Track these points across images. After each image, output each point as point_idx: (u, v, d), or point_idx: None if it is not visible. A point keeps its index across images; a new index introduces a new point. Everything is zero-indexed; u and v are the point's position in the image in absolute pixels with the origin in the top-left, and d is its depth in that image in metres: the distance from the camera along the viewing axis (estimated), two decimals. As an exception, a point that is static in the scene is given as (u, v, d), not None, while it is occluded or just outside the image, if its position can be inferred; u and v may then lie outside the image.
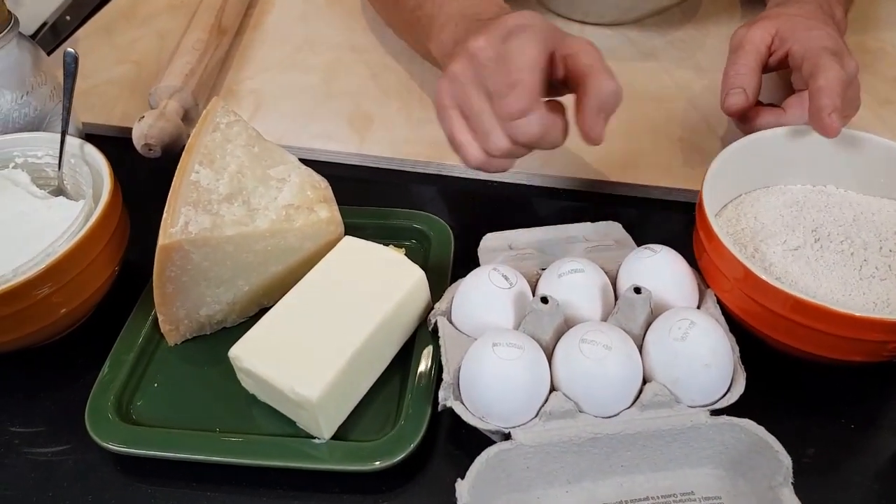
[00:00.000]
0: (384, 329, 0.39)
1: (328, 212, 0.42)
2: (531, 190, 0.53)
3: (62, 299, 0.40)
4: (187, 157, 0.39)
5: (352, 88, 0.60)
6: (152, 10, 0.71)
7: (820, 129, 0.43)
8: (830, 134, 0.43)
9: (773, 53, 0.49)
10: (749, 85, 0.48)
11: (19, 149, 0.46)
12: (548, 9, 0.68)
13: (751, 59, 0.48)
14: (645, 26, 0.65)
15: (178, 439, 0.37)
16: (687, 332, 0.36)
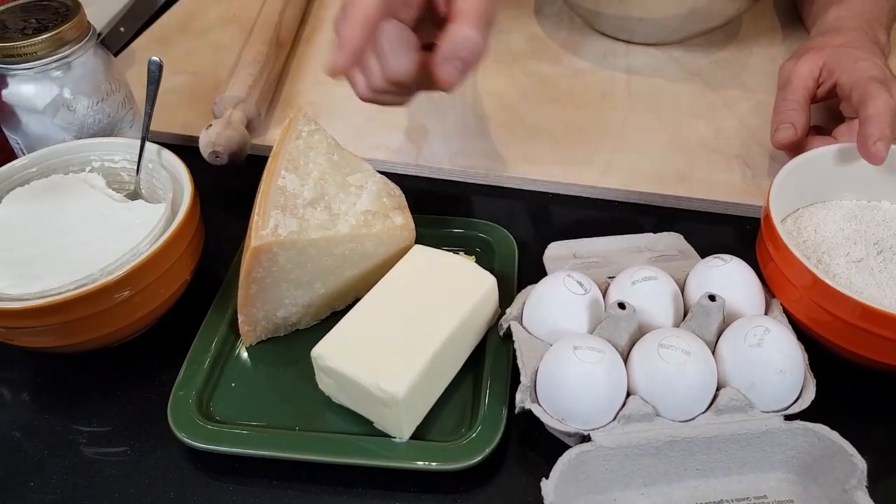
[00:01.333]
0: (459, 332, 0.40)
1: (402, 218, 0.43)
2: (584, 201, 0.54)
3: (142, 300, 0.41)
4: (274, 162, 0.40)
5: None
6: (205, 24, 0.73)
7: (866, 157, 0.44)
8: (876, 161, 0.44)
9: (820, 85, 0.51)
10: (798, 120, 0.50)
11: (97, 153, 0.48)
12: (593, 28, 0.69)
13: (799, 94, 0.50)
14: (689, 47, 0.67)
15: (260, 437, 0.38)
16: (763, 339, 0.37)
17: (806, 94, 0.50)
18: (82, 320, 0.40)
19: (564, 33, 0.70)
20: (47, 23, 0.48)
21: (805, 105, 0.50)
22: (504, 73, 0.65)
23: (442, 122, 0.59)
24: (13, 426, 0.42)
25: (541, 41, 0.69)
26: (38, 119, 0.49)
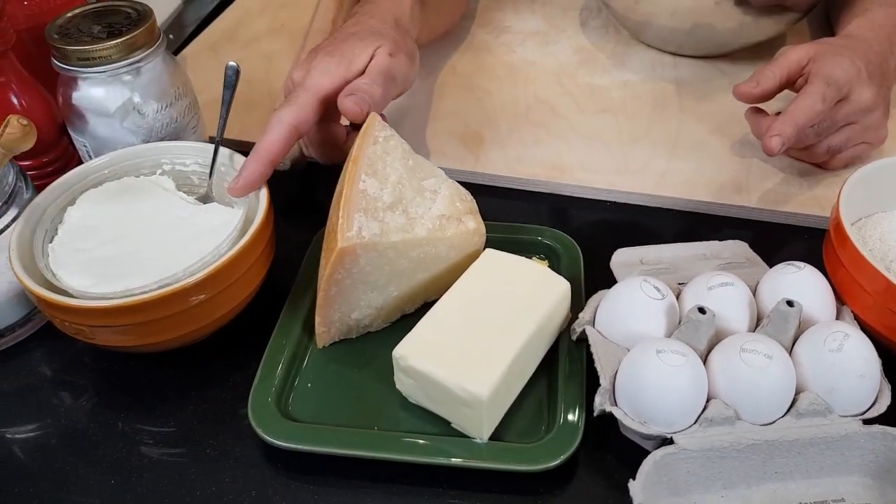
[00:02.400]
0: (536, 336, 0.40)
1: (475, 223, 0.44)
2: (642, 209, 0.54)
3: (221, 301, 0.42)
4: (354, 166, 0.41)
5: (458, 109, 0.63)
6: (254, 33, 0.74)
7: (762, 146, 0.48)
8: (766, 152, 0.48)
9: (803, 75, 0.53)
10: (763, 81, 0.52)
11: (168, 156, 0.49)
12: (640, 40, 0.70)
13: (776, 67, 0.53)
14: (736, 59, 0.68)
15: (342, 436, 0.39)
16: (842, 344, 0.37)
17: (783, 71, 0.53)
18: (162, 320, 0.40)
19: (611, 45, 0.71)
20: (119, 27, 0.48)
21: (777, 77, 0.52)
22: (554, 83, 0.66)
23: (496, 130, 0.60)
24: (91, 426, 0.42)
25: (588, 52, 0.70)
26: (107, 122, 0.50)
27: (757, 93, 0.52)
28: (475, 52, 0.70)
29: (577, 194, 0.55)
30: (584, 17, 0.75)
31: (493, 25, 0.74)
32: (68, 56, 0.47)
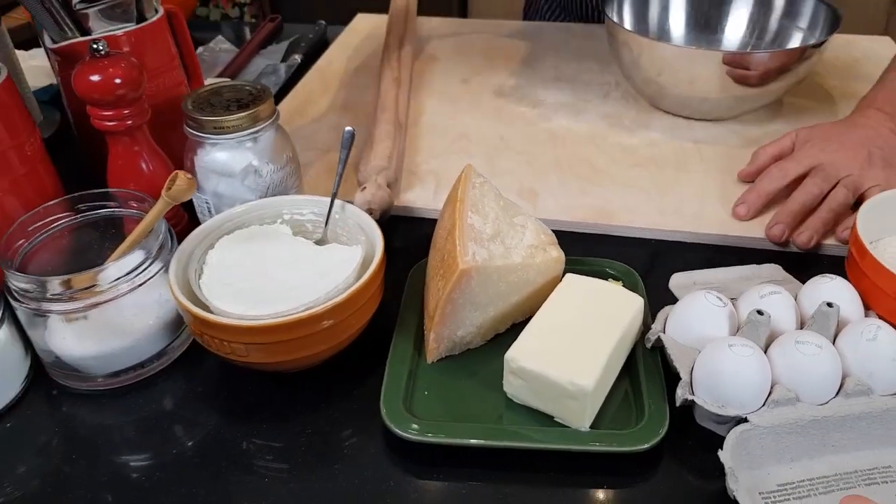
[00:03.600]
0: (621, 341, 0.48)
1: (557, 252, 0.52)
2: (682, 245, 0.63)
3: (350, 323, 0.49)
4: (461, 206, 0.50)
5: (511, 168, 0.72)
6: (319, 111, 0.84)
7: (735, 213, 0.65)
8: (735, 217, 0.64)
9: None
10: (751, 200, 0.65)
11: (287, 208, 0.57)
12: (658, 107, 0.81)
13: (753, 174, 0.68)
14: (744, 121, 0.79)
15: (465, 429, 0.45)
16: (876, 335, 0.45)
17: (776, 151, 0.68)
18: (303, 339, 0.47)
19: (633, 112, 0.82)
20: (244, 102, 0.58)
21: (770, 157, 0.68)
22: (590, 144, 0.76)
23: (546, 183, 0.70)
24: (242, 440, 0.48)
25: (614, 118, 0.81)
26: (229, 182, 0.58)
27: (752, 212, 0.65)
28: (518, 123, 0.81)
29: (623, 234, 0.64)
30: (606, 91, 0.86)
31: (529, 100, 0.85)
32: (203, 125, 0.56)
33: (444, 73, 0.93)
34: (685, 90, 0.76)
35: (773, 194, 0.64)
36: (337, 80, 0.91)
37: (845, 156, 0.64)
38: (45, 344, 0.51)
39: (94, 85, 0.55)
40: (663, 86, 0.77)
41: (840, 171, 0.63)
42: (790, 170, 0.64)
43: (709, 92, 0.75)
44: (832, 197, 0.62)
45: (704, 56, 0.74)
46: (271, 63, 0.98)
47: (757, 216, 0.64)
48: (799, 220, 0.62)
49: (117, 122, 0.58)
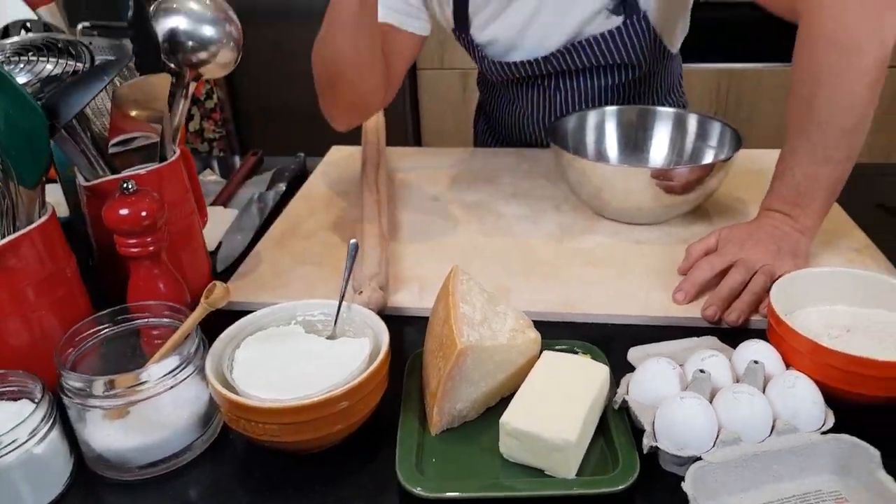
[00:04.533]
0: (594, 403, 0.57)
1: (534, 334, 0.63)
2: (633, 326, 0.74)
3: (361, 406, 0.58)
4: (454, 298, 0.60)
5: (484, 269, 0.83)
6: (310, 230, 0.95)
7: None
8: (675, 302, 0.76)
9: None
10: (686, 288, 0.77)
11: (300, 311, 0.66)
12: (602, 216, 0.95)
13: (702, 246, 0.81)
14: (674, 224, 0.93)
15: (471, 484, 0.53)
16: (795, 383, 0.56)
17: (705, 247, 0.81)
18: (324, 418, 0.55)
19: (582, 221, 0.95)
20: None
21: (700, 253, 0.81)
22: (548, 248, 0.88)
23: (516, 281, 0.81)
24: (271, 508, 0.55)
25: (567, 226, 0.94)
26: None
27: (689, 298, 0.77)
28: (486, 232, 0.93)
29: (585, 320, 0.75)
30: (557, 203, 1.00)
31: (493, 213, 0.98)
32: (226, 245, 0.66)
33: (416, 192, 1.06)
34: (623, 201, 0.91)
35: (704, 283, 0.77)
36: (321, 204, 1.03)
37: (760, 250, 0.77)
38: (89, 438, 0.57)
39: (123, 218, 0.65)
40: (605, 199, 0.91)
41: (757, 263, 0.76)
42: (717, 263, 0.77)
43: (642, 202, 0.90)
44: (753, 283, 0.75)
45: (636, 173, 0.89)
46: (258, 191, 1.10)
47: (693, 301, 0.76)
48: (728, 302, 0.74)
49: (141, 249, 0.67)
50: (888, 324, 0.66)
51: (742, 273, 0.75)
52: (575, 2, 1.01)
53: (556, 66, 1.09)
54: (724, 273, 0.77)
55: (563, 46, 1.06)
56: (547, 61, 1.08)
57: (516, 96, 1.20)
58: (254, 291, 0.81)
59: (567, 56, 1.07)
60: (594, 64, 1.08)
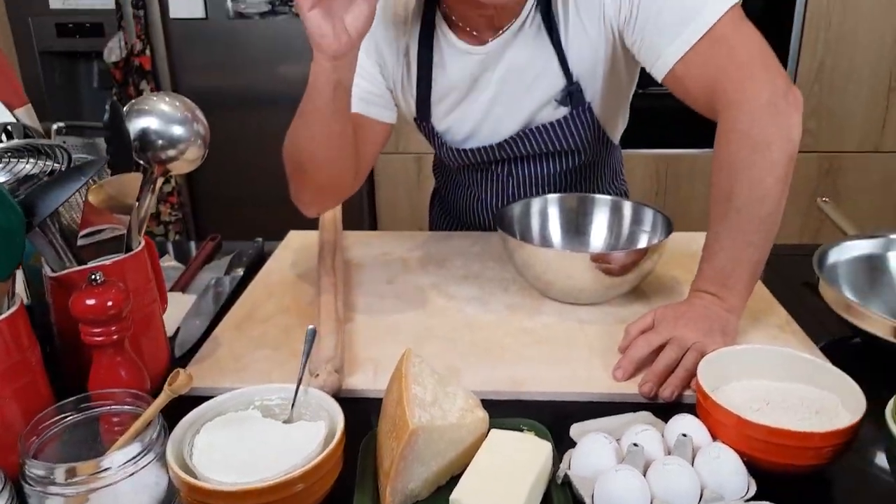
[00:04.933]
0: (538, 478, 0.61)
1: (483, 413, 0.67)
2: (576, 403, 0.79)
3: (317, 488, 0.60)
4: (406, 380, 0.64)
5: (436, 351, 0.88)
6: (267, 314, 0.98)
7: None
8: (614, 379, 0.81)
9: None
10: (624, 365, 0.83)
11: (258, 395, 0.69)
12: (547, 296, 1.01)
13: (640, 324, 0.87)
14: (614, 303, 1.00)
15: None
16: (720, 454, 0.61)
17: (642, 326, 0.86)
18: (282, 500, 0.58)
19: (529, 301, 1.01)
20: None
21: (638, 332, 0.86)
22: (497, 328, 0.94)
23: (466, 362, 0.85)
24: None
25: (515, 307, 0.99)
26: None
27: (627, 375, 0.82)
28: (438, 314, 0.98)
29: (530, 398, 0.80)
30: (505, 285, 1.06)
31: (445, 295, 1.03)
32: (188, 332, 0.69)
33: (371, 276, 1.11)
34: (566, 283, 0.97)
35: (641, 360, 0.83)
36: (279, 288, 1.07)
37: (692, 328, 0.84)
38: (51, 528, 0.58)
39: (90, 308, 0.68)
40: (549, 281, 0.98)
41: (689, 340, 0.83)
42: (653, 341, 0.84)
43: (584, 284, 0.96)
44: (685, 360, 0.81)
45: (577, 257, 0.96)
46: (216, 276, 1.13)
47: (631, 378, 0.82)
48: (662, 378, 0.80)
49: (105, 338, 0.69)
50: (804, 397, 0.72)
51: (675, 351, 0.81)
52: (527, 94, 1.11)
53: (509, 153, 1.17)
54: (660, 350, 0.83)
55: (516, 134, 1.14)
56: (501, 148, 1.16)
57: (471, 182, 1.28)
58: (212, 376, 0.84)
59: (519, 143, 1.15)
60: (543, 151, 1.17)
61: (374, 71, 1.10)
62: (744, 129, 0.86)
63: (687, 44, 0.93)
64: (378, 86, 1.10)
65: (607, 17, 1.01)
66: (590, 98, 1.11)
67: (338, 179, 1.04)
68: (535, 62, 1.07)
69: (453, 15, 1.07)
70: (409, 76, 1.12)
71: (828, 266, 0.98)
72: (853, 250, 1.02)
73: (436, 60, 1.10)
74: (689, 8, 0.92)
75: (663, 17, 0.95)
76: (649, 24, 0.96)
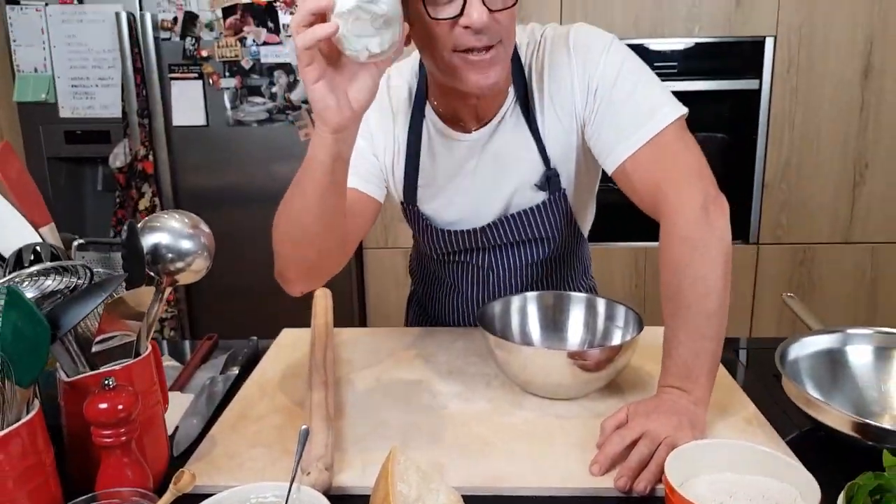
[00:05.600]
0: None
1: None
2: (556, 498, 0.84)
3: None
4: (392, 478, 0.69)
5: (422, 446, 0.93)
6: (260, 413, 1.03)
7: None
8: (591, 474, 0.85)
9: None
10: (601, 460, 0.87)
11: (254, 493, 0.73)
12: (527, 391, 1.07)
13: (613, 421, 0.92)
14: (591, 398, 1.06)
15: None
16: (683, 544, 0.66)
17: (616, 423, 0.91)
18: None
19: (510, 396, 1.07)
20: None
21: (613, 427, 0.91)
22: (479, 424, 0.99)
23: (450, 457, 0.90)
24: None
25: (496, 402, 1.05)
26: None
27: (603, 470, 0.87)
28: (423, 410, 1.03)
29: (511, 493, 0.84)
30: (488, 380, 1.12)
31: (430, 391, 1.09)
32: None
33: (360, 373, 1.16)
34: (545, 379, 1.03)
35: (616, 455, 0.88)
36: (272, 387, 1.12)
37: (663, 422, 0.90)
38: None
39: (102, 411, 0.74)
40: (528, 377, 1.04)
41: (661, 434, 0.88)
42: (627, 436, 0.89)
43: (561, 379, 1.02)
44: (657, 455, 0.86)
45: (554, 354, 1.03)
46: (212, 376, 1.18)
47: (607, 472, 0.87)
48: (636, 472, 0.85)
49: (114, 439, 0.75)
50: (765, 490, 0.77)
51: (648, 446, 0.87)
52: (509, 178, 1.20)
53: (490, 239, 1.26)
54: (634, 445, 0.88)
55: (497, 219, 1.23)
56: (483, 232, 1.25)
57: (451, 275, 1.35)
58: (210, 474, 0.88)
59: (500, 227, 1.24)
60: (522, 238, 1.26)
61: (368, 151, 1.19)
62: (684, 234, 0.97)
63: (638, 143, 1.05)
64: (372, 164, 1.19)
65: (577, 109, 1.13)
66: (565, 185, 1.21)
67: (327, 254, 1.06)
68: (517, 149, 1.18)
69: (441, 107, 1.18)
70: (398, 161, 1.22)
71: (790, 361, 1.05)
72: (813, 346, 1.09)
73: (424, 147, 1.20)
74: (643, 114, 1.06)
75: (620, 118, 1.07)
76: (607, 122, 1.09)
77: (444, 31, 0.98)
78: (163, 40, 2.36)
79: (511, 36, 1.03)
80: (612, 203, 1.36)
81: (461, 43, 0.98)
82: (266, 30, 2.34)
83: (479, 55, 0.99)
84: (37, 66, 2.39)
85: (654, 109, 1.05)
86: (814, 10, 2.42)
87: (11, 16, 2.36)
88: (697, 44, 2.48)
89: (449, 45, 0.99)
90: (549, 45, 1.14)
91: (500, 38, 1.00)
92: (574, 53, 1.11)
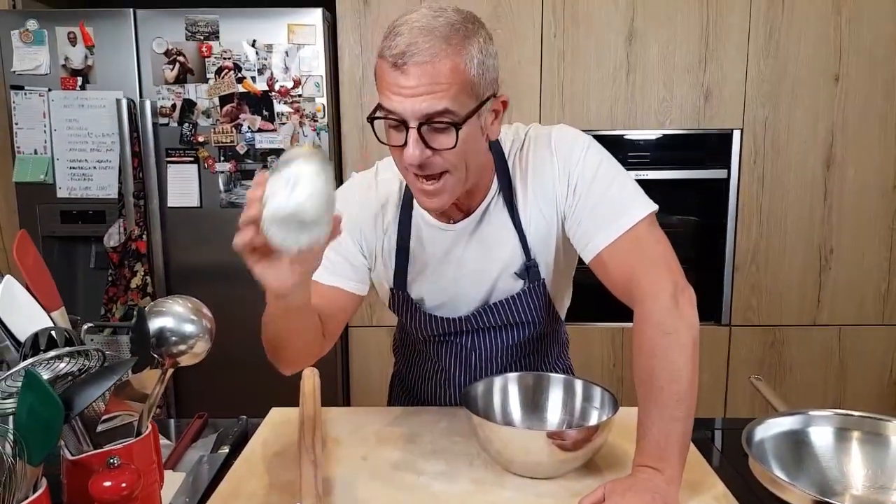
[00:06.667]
0: None
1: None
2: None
3: None
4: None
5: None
6: (252, 491, 1.07)
7: None
8: None
9: None
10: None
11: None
12: (509, 470, 1.11)
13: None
14: (569, 477, 1.10)
15: None
16: None
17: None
18: None
19: (492, 475, 1.11)
20: None
21: None
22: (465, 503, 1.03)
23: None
24: None
25: (479, 481, 1.09)
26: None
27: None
28: (408, 491, 1.07)
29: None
30: (471, 459, 1.17)
31: (415, 471, 1.13)
32: None
33: (347, 452, 1.20)
34: (525, 458, 1.08)
35: None
36: (262, 466, 1.15)
37: (638, 500, 0.95)
38: None
39: (107, 489, 0.78)
40: (509, 456, 1.09)
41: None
42: None
43: (541, 458, 1.07)
44: None
45: (534, 434, 1.09)
46: (203, 454, 1.21)
47: None
48: None
49: (117, 515, 0.78)
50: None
51: None
52: (491, 266, 1.27)
53: (473, 324, 1.33)
54: None
55: (479, 308, 1.30)
56: (467, 320, 1.32)
57: (436, 354, 1.41)
58: (201, 552, 0.91)
59: (481, 315, 1.31)
60: (503, 323, 1.32)
61: (355, 250, 1.27)
62: (657, 319, 1.05)
63: (614, 234, 1.14)
64: (356, 262, 1.27)
65: (558, 202, 1.23)
66: (544, 274, 1.28)
67: (308, 350, 1.19)
68: (500, 239, 1.26)
69: None
70: (389, 252, 1.29)
71: (756, 442, 1.11)
72: (778, 427, 1.16)
73: (413, 238, 1.28)
74: (618, 209, 1.16)
75: (598, 211, 1.17)
76: (586, 214, 1.19)
77: (398, 154, 1.09)
78: (161, 125, 2.47)
79: (460, 167, 1.10)
80: (592, 284, 1.44)
81: (408, 168, 1.09)
82: (261, 117, 2.46)
83: (424, 184, 1.10)
84: (37, 148, 2.48)
85: (628, 205, 1.15)
86: (778, 103, 2.60)
87: (15, 100, 2.47)
88: (668, 135, 2.64)
89: (402, 165, 1.11)
90: (532, 144, 1.24)
91: (445, 170, 1.09)
92: (556, 153, 1.22)
